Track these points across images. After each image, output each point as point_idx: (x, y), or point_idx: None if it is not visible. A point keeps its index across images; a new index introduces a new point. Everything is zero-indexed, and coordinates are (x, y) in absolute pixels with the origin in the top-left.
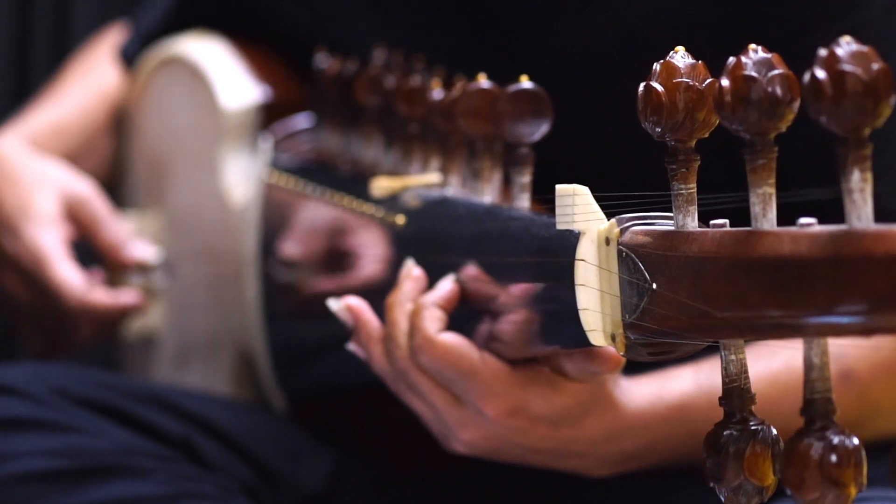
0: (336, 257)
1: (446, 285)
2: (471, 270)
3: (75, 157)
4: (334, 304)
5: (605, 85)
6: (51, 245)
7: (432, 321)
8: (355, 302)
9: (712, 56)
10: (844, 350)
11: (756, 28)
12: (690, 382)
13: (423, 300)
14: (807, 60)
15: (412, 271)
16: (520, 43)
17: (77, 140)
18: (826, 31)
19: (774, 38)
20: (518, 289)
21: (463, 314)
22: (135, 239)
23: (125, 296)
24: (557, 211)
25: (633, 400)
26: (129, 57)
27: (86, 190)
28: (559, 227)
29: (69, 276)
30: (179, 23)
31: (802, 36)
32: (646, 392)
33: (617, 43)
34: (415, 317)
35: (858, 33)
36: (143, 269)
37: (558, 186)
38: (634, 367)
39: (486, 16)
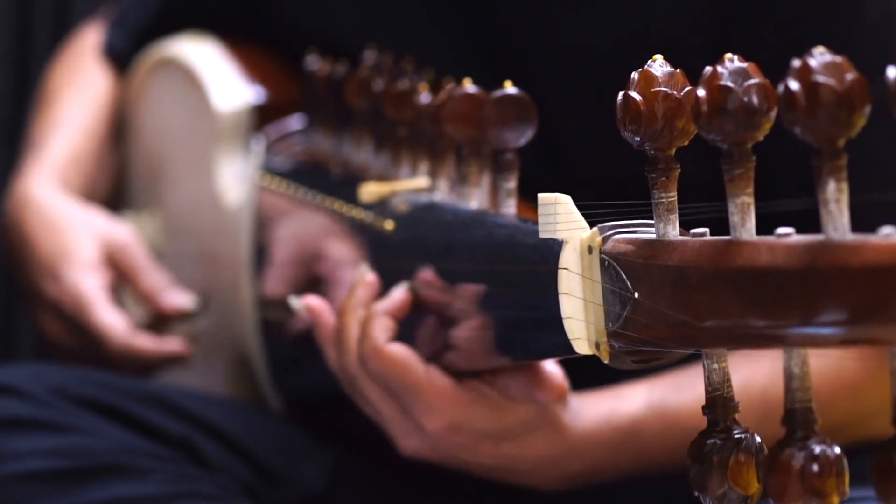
0: (324, 262)
1: (398, 294)
2: (426, 276)
3: (92, 181)
4: (295, 302)
5: (601, 85)
6: (92, 289)
7: (382, 330)
8: (315, 302)
9: (708, 61)
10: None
11: (751, 33)
12: (642, 404)
13: (374, 308)
14: None
15: (365, 276)
16: (517, 40)
17: (91, 163)
18: (822, 42)
19: (770, 44)
20: (492, 296)
21: (417, 321)
22: (172, 287)
23: (169, 343)
24: (540, 219)
25: (580, 422)
26: (117, 52)
27: (124, 236)
28: (542, 235)
29: (112, 320)
30: (173, 18)
31: (799, 44)
32: (594, 415)
33: (613, 42)
34: (366, 324)
35: (854, 45)
36: (182, 316)
37: (540, 195)
38: (588, 383)
39: (484, 13)
